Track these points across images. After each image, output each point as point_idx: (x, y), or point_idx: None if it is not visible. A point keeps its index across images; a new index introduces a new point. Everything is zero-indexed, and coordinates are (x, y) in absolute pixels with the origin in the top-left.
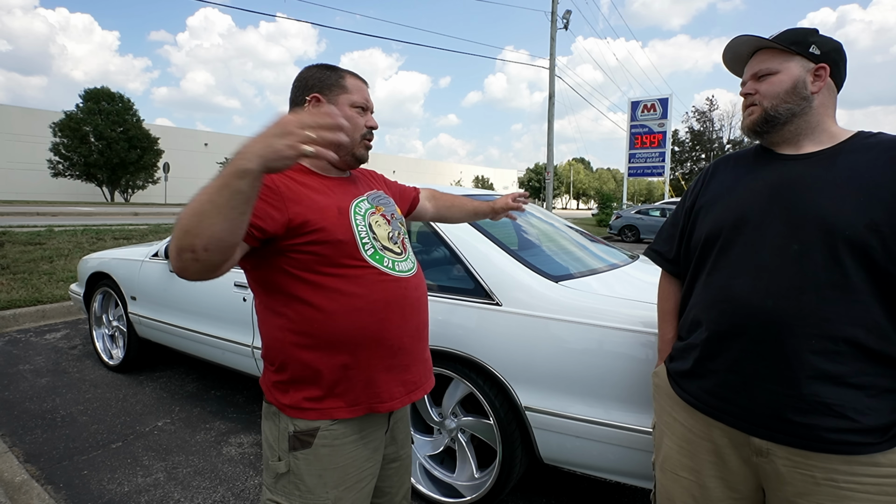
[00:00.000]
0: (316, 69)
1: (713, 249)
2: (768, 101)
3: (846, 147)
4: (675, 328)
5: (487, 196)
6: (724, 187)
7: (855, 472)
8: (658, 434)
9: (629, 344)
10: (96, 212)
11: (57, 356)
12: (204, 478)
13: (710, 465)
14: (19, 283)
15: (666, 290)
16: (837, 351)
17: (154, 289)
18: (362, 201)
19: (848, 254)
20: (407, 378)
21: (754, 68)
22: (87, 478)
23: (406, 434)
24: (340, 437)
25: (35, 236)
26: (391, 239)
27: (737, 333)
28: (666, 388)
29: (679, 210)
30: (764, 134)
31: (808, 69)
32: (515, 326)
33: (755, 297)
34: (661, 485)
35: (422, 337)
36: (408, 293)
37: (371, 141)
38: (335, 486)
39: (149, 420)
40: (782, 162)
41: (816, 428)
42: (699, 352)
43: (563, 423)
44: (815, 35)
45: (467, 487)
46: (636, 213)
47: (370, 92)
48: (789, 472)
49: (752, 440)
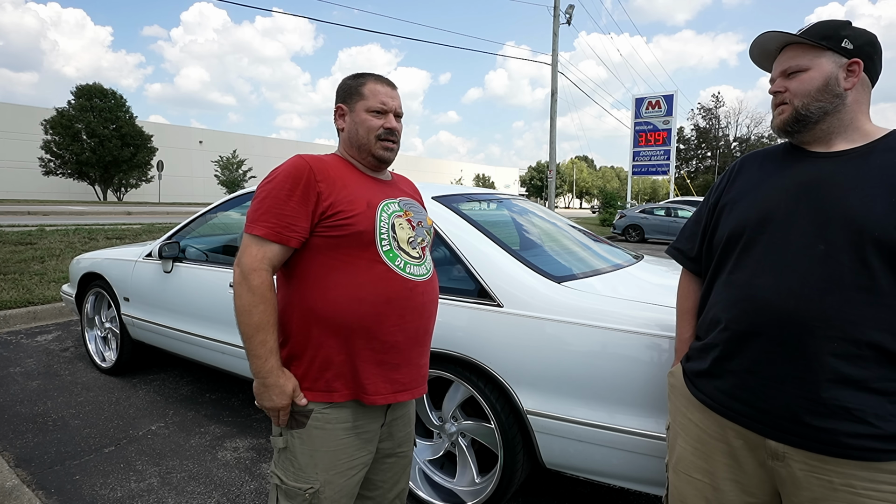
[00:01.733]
0: (345, 79)
1: (736, 248)
2: (799, 100)
3: (880, 146)
4: (693, 327)
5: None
6: (750, 185)
7: (874, 480)
8: (672, 435)
9: (633, 346)
10: (88, 211)
11: (48, 358)
12: (198, 483)
13: (725, 468)
14: (10, 283)
15: (686, 288)
16: (860, 355)
17: (147, 290)
18: (392, 203)
19: (876, 255)
20: (395, 377)
21: (783, 65)
22: (79, 483)
23: (407, 434)
24: (333, 422)
25: (26, 236)
26: (411, 243)
27: (757, 333)
28: (681, 389)
29: (703, 207)
30: (795, 133)
31: (840, 65)
32: (517, 328)
33: (777, 297)
34: (674, 486)
35: (420, 342)
36: (413, 296)
37: (392, 142)
38: (325, 469)
39: (142, 424)
40: (812, 160)
41: (835, 433)
42: (717, 351)
43: (566, 427)
44: (848, 28)
45: (468, 493)
46: (641, 212)
47: (397, 93)
48: (806, 476)
49: (769, 443)
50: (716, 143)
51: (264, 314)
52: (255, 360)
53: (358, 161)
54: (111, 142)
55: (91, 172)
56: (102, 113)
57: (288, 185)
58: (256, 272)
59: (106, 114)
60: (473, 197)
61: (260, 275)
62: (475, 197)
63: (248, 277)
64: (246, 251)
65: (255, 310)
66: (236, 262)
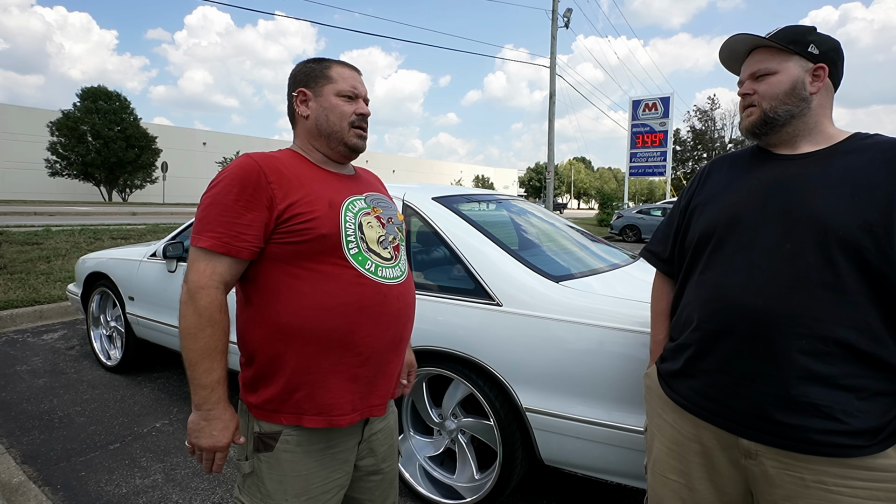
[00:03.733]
0: (304, 63)
1: (706, 248)
2: (767, 103)
3: (842, 147)
4: (667, 328)
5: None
6: (719, 187)
7: (845, 476)
8: (649, 437)
9: (630, 344)
10: (94, 211)
11: (54, 357)
12: (202, 479)
13: (699, 468)
14: (16, 283)
15: (659, 290)
16: (828, 352)
17: (152, 289)
18: (358, 199)
19: (841, 254)
20: (371, 391)
21: (752, 68)
22: (85, 479)
23: (390, 447)
24: (304, 444)
25: (32, 236)
26: (381, 242)
27: (727, 332)
28: (657, 390)
29: (674, 210)
30: (762, 135)
31: (806, 69)
32: (516, 327)
33: (747, 295)
34: (651, 488)
35: (397, 350)
36: (387, 301)
37: (364, 130)
38: (296, 495)
39: (147, 421)
40: (778, 162)
41: (805, 429)
42: (690, 351)
43: (564, 424)
44: (814, 34)
45: (467, 489)
46: (637, 212)
47: (363, 80)
48: (778, 474)
49: (741, 442)
50: (711, 145)
51: (211, 339)
52: (200, 390)
53: (323, 152)
54: (116, 143)
55: (96, 173)
56: (107, 115)
57: (235, 189)
58: (204, 290)
59: (111, 116)
60: (473, 197)
61: (208, 294)
62: (474, 197)
63: (194, 297)
64: (192, 267)
65: (201, 334)
66: (184, 279)
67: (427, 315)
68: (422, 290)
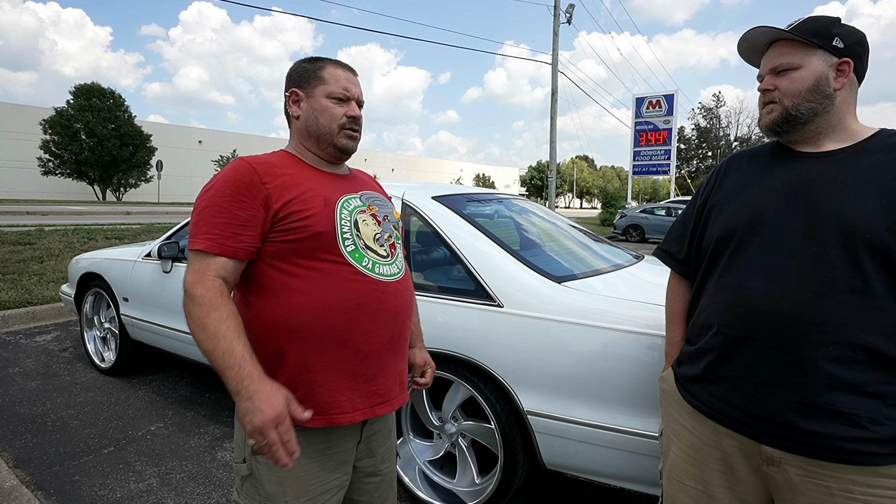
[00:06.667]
0: (299, 63)
1: (726, 250)
2: (789, 100)
3: (868, 145)
4: (683, 331)
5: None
6: (738, 186)
7: (872, 485)
8: (665, 441)
9: (634, 346)
10: (87, 211)
11: (47, 359)
12: (198, 483)
13: (719, 475)
14: (9, 283)
15: (675, 291)
16: (855, 359)
17: (147, 290)
18: (353, 198)
19: (868, 257)
20: (371, 389)
21: (773, 62)
22: (79, 483)
23: (388, 448)
24: (302, 445)
25: (25, 236)
26: (377, 240)
27: (750, 338)
28: (674, 394)
29: (690, 208)
30: (783, 133)
31: (830, 64)
32: (517, 328)
33: (770, 301)
34: (667, 494)
35: (396, 348)
36: (385, 298)
37: (355, 131)
38: (295, 496)
39: (141, 424)
40: (801, 160)
41: (831, 437)
42: (711, 356)
43: (567, 428)
44: (838, 25)
45: (468, 493)
46: (641, 212)
47: (358, 80)
48: (802, 482)
49: (764, 449)
50: (717, 143)
51: (219, 321)
52: (228, 372)
53: (315, 153)
54: (110, 141)
55: (90, 172)
56: (101, 112)
57: (229, 191)
58: (199, 283)
59: (105, 113)
60: (473, 197)
61: (203, 284)
62: (475, 197)
63: (190, 292)
64: (188, 269)
65: (207, 320)
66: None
67: (427, 316)
68: (421, 291)
